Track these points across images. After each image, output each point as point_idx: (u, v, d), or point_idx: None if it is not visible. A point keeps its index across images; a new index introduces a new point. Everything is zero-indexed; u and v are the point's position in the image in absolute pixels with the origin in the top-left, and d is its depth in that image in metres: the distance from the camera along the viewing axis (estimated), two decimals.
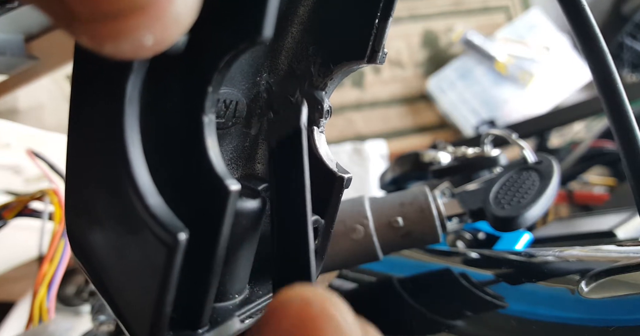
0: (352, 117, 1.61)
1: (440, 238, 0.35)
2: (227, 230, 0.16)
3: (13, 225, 0.43)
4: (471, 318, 0.30)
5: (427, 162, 0.50)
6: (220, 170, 0.16)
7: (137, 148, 0.14)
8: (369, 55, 0.21)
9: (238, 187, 0.16)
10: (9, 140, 0.54)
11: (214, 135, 0.16)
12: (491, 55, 1.57)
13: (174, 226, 0.14)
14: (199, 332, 0.17)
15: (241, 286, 0.20)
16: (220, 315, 0.18)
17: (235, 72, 0.21)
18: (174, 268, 0.14)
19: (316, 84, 0.22)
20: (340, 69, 0.21)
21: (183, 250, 0.14)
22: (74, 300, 0.62)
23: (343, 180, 0.22)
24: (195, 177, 0.16)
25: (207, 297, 0.17)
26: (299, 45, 0.22)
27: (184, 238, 0.14)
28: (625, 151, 0.29)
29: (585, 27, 0.29)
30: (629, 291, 0.25)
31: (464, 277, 0.33)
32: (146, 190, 0.14)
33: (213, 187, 0.16)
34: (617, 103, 0.29)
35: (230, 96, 0.21)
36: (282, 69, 0.23)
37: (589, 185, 0.99)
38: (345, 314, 0.14)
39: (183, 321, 0.17)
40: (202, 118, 0.16)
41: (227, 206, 0.16)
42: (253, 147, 0.23)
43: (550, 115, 1.25)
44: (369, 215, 0.35)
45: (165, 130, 0.17)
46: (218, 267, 0.16)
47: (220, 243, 0.16)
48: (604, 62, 0.29)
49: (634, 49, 1.67)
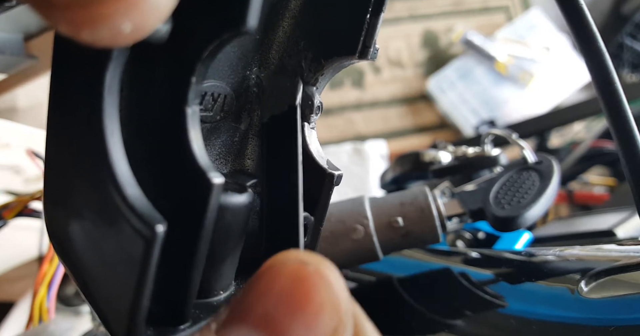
0: (352, 117, 1.61)
1: (440, 238, 0.35)
2: (210, 224, 0.16)
3: (13, 225, 0.43)
4: (471, 317, 0.30)
5: (427, 162, 0.50)
6: (204, 163, 0.15)
7: (116, 138, 0.14)
8: (360, 51, 0.20)
9: (221, 180, 0.15)
10: (9, 140, 0.54)
11: (197, 127, 0.16)
12: (491, 55, 1.57)
13: (152, 218, 0.14)
14: (180, 328, 0.16)
15: (226, 283, 0.20)
16: (204, 312, 0.18)
17: (224, 65, 0.21)
18: (151, 261, 0.14)
19: (307, 79, 0.22)
20: (332, 64, 0.21)
21: (161, 243, 0.14)
22: (74, 300, 0.62)
23: (333, 177, 0.22)
24: (177, 170, 0.16)
25: (189, 292, 0.16)
26: (290, 39, 0.22)
27: (161, 230, 0.14)
28: (624, 151, 0.29)
29: (583, 27, 0.29)
30: (629, 291, 0.25)
31: (464, 277, 0.33)
32: (124, 181, 0.14)
33: (196, 180, 0.15)
34: (615, 103, 0.29)
35: (219, 89, 0.21)
36: (272, 63, 0.22)
37: (589, 185, 0.99)
38: (337, 278, 0.15)
39: (164, 318, 0.16)
40: (185, 109, 0.15)
41: (210, 200, 0.15)
42: (243, 143, 0.23)
43: (550, 115, 1.25)
44: (369, 215, 0.35)
45: (148, 122, 0.16)
46: (200, 262, 0.16)
47: (202, 238, 0.16)
48: (602, 62, 0.29)
49: (634, 49, 1.67)
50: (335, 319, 0.14)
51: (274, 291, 0.14)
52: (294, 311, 0.14)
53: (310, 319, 0.14)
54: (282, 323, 0.14)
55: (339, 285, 0.14)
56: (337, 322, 0.14)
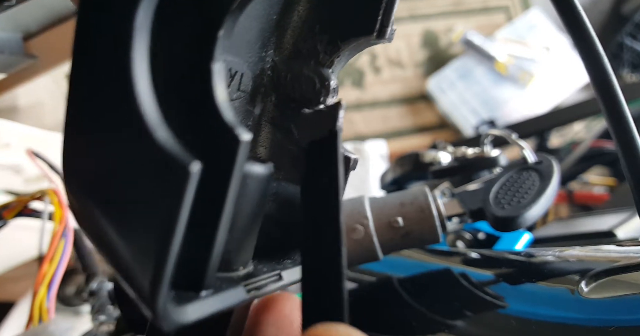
0: (352, 117, 1.61)
1: (440, 238, 0.35)
2: (237, 183, 0.15)
3: (13, 225, 0.43)
4: (471, 318, 0.30)
5: (427, 162, 0.50)
6: (230, 120, 0.15)
7: (145, 79, 0.14)
8: (378, 30, 0.20)
9: (249, 136, 0.15)
10: (9, 140, 0.54)
11: (223, 84, 0.15)
12: (491, 55, 1.57)
13: (187, 156, 0.13)
14: (202, 294, 0.16)
15: (245, 259, 0.19)
16: (225, 283, 0.17)
17: (242, 41, 0.21)
18: (186, 198, 0.13)
19: (322, 61, 0.22)
20: (348, 46, 0.21)
21: (196, 182, 0.13)
22: (74, 300, 0.62)
23: (349, 160, 0.22)
24: (203, 129, 0.15)
25: (213, 256, 0.16)
26: (305, 23, 0.22)
27: (197, 167, 0.13)
28: (624, 151, 0.29)
29: (580, 29, 0.29)
30: (629, 291, 0.25)
31: (464, 277, 0.33)
32: (156, 124, 0.14)
33: (223, 137, 0.15)
34: (614, 104, 0.29)
35: (236, 66, 0.21)
36: (286, 48, 0.22)
37: (589, 185, 0.99)
38: None
39: (186, 283, 0.16)
40: (211, 65, 0.15)
41: (238, 156, 0.15)
42: (256, 128, 0.23)
43: (550, 115, 1.25)
44: (369, 215, 0.35)
45: (171, 79, 0.16)
46: (225, 224, 0.16)
47: (229, 197, 0.15)
48: (599, 63, 0.29)
49: (634, 49, 1.67)
50: None
51: None
52: None
53: None
54: None
55: None
56: None
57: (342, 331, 0.14)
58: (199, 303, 0.15)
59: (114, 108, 0.14)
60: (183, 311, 0.15)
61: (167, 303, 0.14)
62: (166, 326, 0.14)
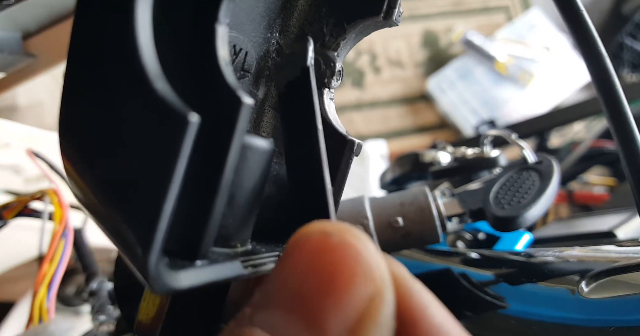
0: (352, 117, 1.61)
1: (440, 238, 0.35)
2: (237, 148, 0.15)
3: (13, 225, 0.43)
4: (471, 318, 0.30)
5: (427, 162, 0.50)
6: (232, 82, 0.15)
7: (148, 32, 0.14)
8: (385, 11, 0.20)
9: (251, 101, 0.15)
10: (9, 140, 0.54)
11: (226, 47, 0.15)
12: (491, 55, 1.57)
13: (186, 107, 0.13)
14: (196, 263, 0.15)
15: (243, 236, 0.19)
16: (221, 257, 0.17)
17: (247, 19, 0.21)
18: (184, 149, 0.13)
19: (328, 44, 0.22)
20: (354, 28, 0.21)
21: (195, 132, 0.13)
22: (74, 300, 0.62)
23: (354, 144, 0.21)
24: (204, 91, 0.15)
25: (209, 223, 0.15)
26: (312, 6, 0.22)
27: (196, 118, 0.13)
28: (625, 151, 0.29)
29: (582, 28, 0.29)
30: (629, 291, 0.25)
31: (464, 277, 0.33)
32: (155, 75, 0.13)
33: (225, 99, 0.15)
34: (615, 103, 0.29)
35: (240, 43, 0.21)
36: (292, 31, 0.22)
37: (589, 185, 0.99)
38: (366, 244, 0.13)
39: (181, 252, 0.15)
40: (215, 27, 0.15)
41: (240, 118, 0.14)
42: (259, 112, 0.23)
43: (550, 115, 1.25)
44: (369, 215, 0.35)
45: (176, 41, 0.16)
46: (224, 190, 0.15)
47: (229, 162, 0.15)
48: (601, 62, 0.29)
49: (634, 49, 1.67)
50: (370, 289, 0.13)
51: (301, 270, 0.13)
52: (323, 288, 0.13)
53: (341, 295, 0.13)
54: (314, 303, 0.13)
55: (369, 252, 0.13)
56: (373, 292, 0.13)
57: (327, 224, 0.14)
58: (193, 271, 0.15)
59: (114, 59, 0.14)
60: (175, 277, 0.14)
61: (160, 266, 0.14)
62: (158, 288, 0.14)
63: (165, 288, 0.14)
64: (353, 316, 0.13)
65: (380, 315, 0.13)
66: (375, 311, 0.13)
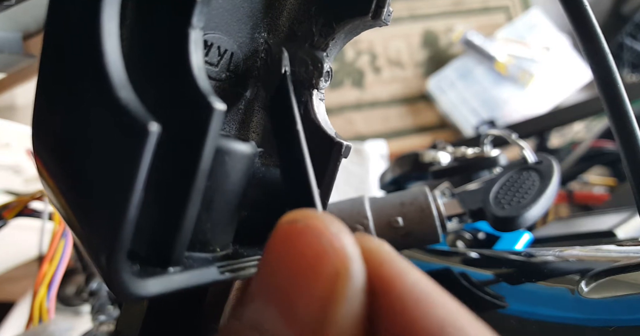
0: (352, 117, 1.61)
1: (440, 238, 0.35)
2: (210, 152, 0.15)
3: (13, 225, 0.43)
4: None
5: (427, 162, 0.50)
6: (205, 88, 0.15)
7: (114, 41, 0.13)
8: (374, 11, 0.20)
9: (223, 106, 0.15)
10: (9, 140, 0.54)
11: (200, 52, 0.15)
12: (491, 55, 1.57)
13: (147, 117, 0.13)
14: (169, 270, 0.15)
15: (224, 240, 0.19)
16: (197, 262, 0.17)
17: (231, 20, 0.21)
18: (144, 158, 0.13)
19: (317, 44, 0.22)
20: (343, 28, 0.21)
21: (155, 141, 0.13)
22: (74, 300, 0.62)
23: (342, 146, 0.21)
24: (177, 95, 0.15)
25: (181, 231, 0.15)
26: (301, 5, 0.22)
27: (156, 127, 0.13)
28: (626, 151, 0.29)
29: (587, 26, 0.29)
30: (629, 291, 0.25)
31: (464, 277, 0.33)
32: (120, 83, 0.13)
33: (196, 105, 0.14)
34: (617, 103, 0.29)
35: (225, 44, 0.21)
36: (282, 30, 0.22)
37: (589, 185, 0.99)
38: (328, 224, 0.14)
39: (153, 259, 0.15)
40: (188, 31, 0.15)
41: (211, 125, 0.14)
42: (248, 113, 0.23)
43: (550, 115, 1.25)
44: (369, 215, 0.35)
45: (150, 41, 0.16)
46: (196, 198, 0.15)
47: (200, 170, 0.15)
48: (605, 62, 0.29)
49: (634, 49, 1.67)
50: (334, 266, 0.13)
51: (273, 260, 0.14)
52: (292, 274, 0.13)
53: (307, 276, 0.13)
54: (285, 289, 0.13)
55: (330, 231, 0.13)
56: (337, 269, 0.13)
57: (295, 213, 0.14)
58: (163, 278, 0.15)
59: (80, 66, 0.14)
60: (143, 285, 0.14)
61: (126, 274, 0.14)
62: (122, 298, 0.14)
63: (132, 296, 0.14)
64: (321, 295, 0.13)
65: (347, 290, 0.13)
66: (342, 287, 0.13)
